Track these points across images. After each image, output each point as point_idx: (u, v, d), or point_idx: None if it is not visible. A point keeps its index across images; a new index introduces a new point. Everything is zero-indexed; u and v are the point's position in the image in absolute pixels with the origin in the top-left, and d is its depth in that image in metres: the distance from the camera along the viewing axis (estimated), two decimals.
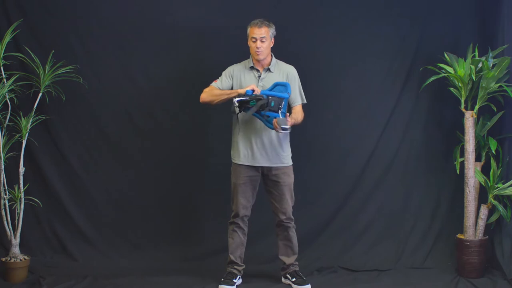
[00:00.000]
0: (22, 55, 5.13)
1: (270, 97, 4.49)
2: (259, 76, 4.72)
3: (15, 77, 5.00)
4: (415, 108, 5.33)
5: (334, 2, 5.30)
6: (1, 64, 4.97)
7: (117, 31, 5.29)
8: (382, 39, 5.29)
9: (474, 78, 4.92)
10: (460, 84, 4.97)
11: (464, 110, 5.00)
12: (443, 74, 5.03)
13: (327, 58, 5.31)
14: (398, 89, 5.32)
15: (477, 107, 4.98)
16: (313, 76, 5.31)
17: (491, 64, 4.94)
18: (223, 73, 4.79)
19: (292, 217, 4.80)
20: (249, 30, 4.68)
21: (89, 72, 5.29)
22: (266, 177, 4.76)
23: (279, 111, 4.48)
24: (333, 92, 5.34)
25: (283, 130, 4.46)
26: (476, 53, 5.03)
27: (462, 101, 5.01)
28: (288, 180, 4.77)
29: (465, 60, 4.94)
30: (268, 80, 4.70)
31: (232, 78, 4.75)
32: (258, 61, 4.71)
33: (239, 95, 4.54)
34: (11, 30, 4.99)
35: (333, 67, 5.33)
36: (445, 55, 5.07)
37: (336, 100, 5.36)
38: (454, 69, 4.99)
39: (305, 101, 4.81)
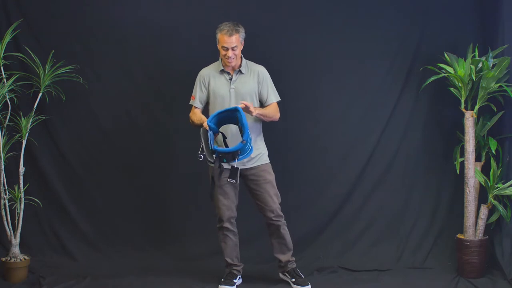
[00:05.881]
0: (22, 55, 5.13)
1: (222, 154, 4.44)
2: (231, 79, 4.70)
3: (15, 77, 5.01)
4: (415, 108, 5.33)
5: (333, 2, 5.30)
6: (1, 64, 4.97)
7: (117, 31, 5.30)
8: (382, 39, 5.29)
9: (474, 78, 4.92)
10: (460, 84, 4.97)
11: (464, 110, 5.00)
12: (443, 74, 5.03)
13: (328, 59, 5.31)
14: (398, 89, 5.32)
15: (477, 107, 4.98)
16: (313, 77, 5.32)
17: (491, 64, 4.93)
18: (196, 83, 4.77)
19: (281, 214, 4.78)
20: (218, 36, 4.60)
21: (89, 72, 5.30)
22: (245, 178, 4.74)
23: (236, 159, 4.44)
24: (333, 92, 5.34)
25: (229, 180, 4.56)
26: (476, 53, 5.03)
27: (462, 101, 5.01)
28: (268, 177, 4.74)
29: (465, 60, 4.94)
30: (240, 81, 4.68)
31: (206, 87, 4.73)
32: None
33: (202, 151, 4.48)
34: (11, 30, 5.00)
35: (333, 68, 5.33)
36: (445, 55, 5.07)
37: (336, 100, 5.36)
38: (454, 69, 4.99)
39: (279, 99, 4.78)
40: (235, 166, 4.52)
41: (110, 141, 5.38)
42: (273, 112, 4.72)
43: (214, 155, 4.47)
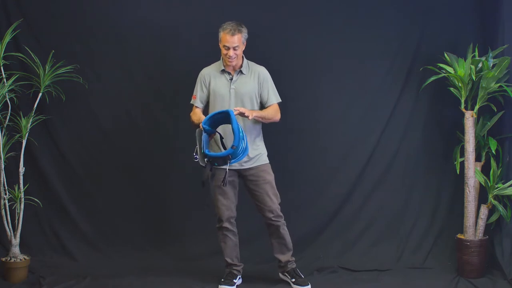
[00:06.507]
0: (22, 55, 5.13)
1: (212, 159, 4.48)
2: (231, 79, 4.71)
3: (15, 77, 5.01)
4: (415, 108, 5.33)
5: (333, 2, 5.30)
6: (1, 64, 4.97)
7: (117, 31, 5.30)
8: (382, 40, 5.29)
9: (474, 78, 4.92)
10: (460, 84, 4.97)
11: (464, 110, 5.00)
12: (443, 74, 5.03)
13: (328, 59, 5.31)
14: (398, 89, 5.32)
15: (477, 107, 4.98)
16: (313, 77, 5.32)
17: (491, 64, 4.94)
18: (197, 82, 4.78)
19: (281, 214, 4.78)
20: (221, 35, 4.62)
21: (89, 72, 5.30)
22: (245, 178, 4.75)
23: (228, 162, 4.47)
24: (333, 92, 5.34)
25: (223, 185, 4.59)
26: (476, 53, 5.03)
27: (462, 101, 5.01)
28: (268, 177, 4.74)
29: (465, 60, 4.94)
30: (241, 82, 4.69)
31: (207, 86, 4.75)
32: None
33: (196, 154, 4.52)
34: (11, 30, 5.00)
35: (333, 68, 5.33)
36: (445, 55, 5.07)
37: (336, 101, 5.36)
38: (454, 69, 4.99)
39: (280, 100, 4.78)
40: (227, 169, 4.52)
41: (110, 141, 5.38)
42: (272, 113, 4.72)
43: (205, 159, 4.48)
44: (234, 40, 4.57)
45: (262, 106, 4.76)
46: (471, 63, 4.90)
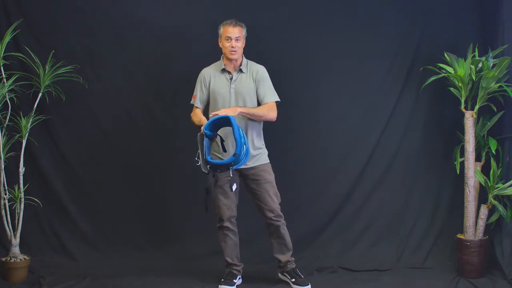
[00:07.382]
0: (22, 55, 5.13)
1: (215, 166, 4.49)
2: (231, 78, 4.72)
3: (15, 77, 5.01)
4: (415, 108, 5.33)
5: (333, 2, 5.30)
6: (1, 64, 4.98)
7: (117, 31, 5.30)
8: (382, 39, 5.29)
9: (474, 78, 4.92)
10: (460, 84, 4.97)
11: (464, 110, 5.00)
12: (443, 74, 5.03)
13: (328, 59, 5.31)
14: (398, 89, 5.32)
15: (477, 107, 4.98)
16: (313, 77, 5.32)
17: (491, 64, 4.94)
18: (197, 83, 4.79)
19: (281, 214, 4.78)
20: (222, 29, 4.68)
21: (89, 72, 5.30)
22: (246, 178, 4.75)
23: (231, 168, 4.48)
24: (333, 93, 5.34)
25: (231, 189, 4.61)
26: (476, 53, 5.03)
27: (462, 101, 5.01)
28: (269, 177, 4.75)
29: (465, 60, 4.94)
30: (240, 81, 4.70)
31: (207, 86, 4.76)
32: (231, 61, 4.70)
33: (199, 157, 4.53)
34: (11, 30, 5.00)
35: (333, 68, 5.33)
36: (445, 55, 5.07)
37: (336, 101, 5.36)
38: (454, 69, 4.99)
39: (278, 99, 4.76)
40: (231, 175, 4.52)
41: (110, 141, 5.39)
42: (263, 111, 4.68)
43: (208, 166, 4.48)
44: (236, 31, 4.63)
45: (259, 104, 4.75)
46: (471, 63, 4.90)
